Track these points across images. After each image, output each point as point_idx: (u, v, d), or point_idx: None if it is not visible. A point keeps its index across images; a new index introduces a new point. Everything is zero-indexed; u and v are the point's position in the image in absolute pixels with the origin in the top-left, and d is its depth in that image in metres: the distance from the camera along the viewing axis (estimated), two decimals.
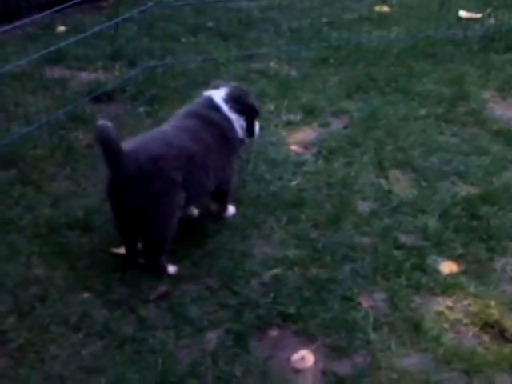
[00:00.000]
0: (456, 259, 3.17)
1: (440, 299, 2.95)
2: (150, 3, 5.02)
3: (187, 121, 3.18)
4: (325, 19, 5.61)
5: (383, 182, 3.69)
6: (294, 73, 4.84)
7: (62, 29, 5.46)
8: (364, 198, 3.57)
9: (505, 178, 3.72)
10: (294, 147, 4.00)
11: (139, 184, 2.89)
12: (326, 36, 5.31)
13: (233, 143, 3.26)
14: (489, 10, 5.74)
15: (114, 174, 2.92)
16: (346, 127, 4.20)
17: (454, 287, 3.00)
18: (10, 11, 5.41)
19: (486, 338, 2.78)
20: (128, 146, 3.00)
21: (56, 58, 4.88)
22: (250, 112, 3.28)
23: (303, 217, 3.42)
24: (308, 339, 2.77)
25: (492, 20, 5.59)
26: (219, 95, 3.24)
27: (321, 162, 3.86)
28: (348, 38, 5.29)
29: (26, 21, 4.87)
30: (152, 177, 2.90)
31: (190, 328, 2.81)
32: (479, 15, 5.72)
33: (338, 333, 2.78)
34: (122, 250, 3.17)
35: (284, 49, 5.13)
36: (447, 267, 3.12)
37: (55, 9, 4.68)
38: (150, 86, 4.58)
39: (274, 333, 2.80)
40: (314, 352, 2.71)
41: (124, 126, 4.17)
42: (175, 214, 3.02)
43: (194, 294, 2.97)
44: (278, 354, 2.71)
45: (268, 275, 3.07)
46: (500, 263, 3.16)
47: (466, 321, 2.85)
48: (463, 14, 5.74)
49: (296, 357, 2.69)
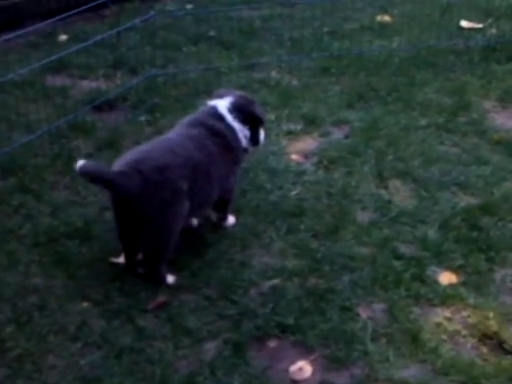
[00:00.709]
0: (455, 270, 3.16)
1: (439, 310, 2.95)
2: (151, 12, 5.04)
3: (192, 130, 3.17)
4: (326, 29, 5.61)
5: (383, 192, 3.69)
6: (295, 82, 4.84)
7: (63, 37, 5.47)
8: (364, 208, 3.56)
9: (505, 188, 3.71)
10: (294, 157, 4.00)
11: (144, 195, 2.89)
12: (328, 45, 5.31)
13: (236, 153, 3.25)
14: (490, 21, 5.74)
15: (115, 194, 2.95)
16: (346, 137, 4.19)
17: (453, 298, 2.99)
18: (13, 20, 5.45)
19: (485, 349, 2.77)
20: (132, 155, 3.00)
21: (57, 67, 4.88)
22: (254, 121, 3.28)
23: (303, 227, 3.42)
24: (306, 350, 2.76)
25: (493, 30, 5.59)
26: (223, 105, 3.24)
27: (321, 172, 3.85)
28: (349, 47, 5.30)
29: (28, 29, 4.89)
30: (158, 186, 2.90)
31: (188, 338, 2.80)
32: (481, 25, 5.71)
33: (337, 344, 2.77)
34: (121, 260, 3.17)
35: (285, 58, 5.13)
36: (446, 278, 3.12)
37: (57, 18, 4.70)
38: (151, 95, 4.59)
39: (273, 343, 2.80)
40: (312, 363, 2.70)
41: (125, 134, 4.19)
42: (179, 224, 3.02)
43: (193, 304, 2.96)
44: (276, 364, 2.71)
45: (267, 285, 3.06)
46: (499, 274, 3.15)
47: (464, 332, 2.84)
48: (464, 23, 5.74)
49: (294, 368, 2.69)
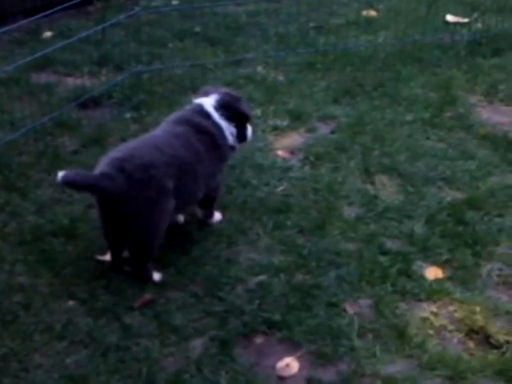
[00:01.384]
0: (441, 265, 3.17)
1: (425, 305, 2.95)
2: (136, 8, 5.02)
3: (177, 127, 3.15)
4: (312, 24, 5.61)
5: (369, 187, 3.69)
6: (281, 78, 4.84)
7: (48, 34, 5.44)
8: (350, 204, 3.57)
9: (490, 182, 3.72)
10: (280, 153, 3.99)
11: (129, 193, 2.87)
12: (313, 41, 5.31)
13: (223, 150, 3.24)
14: (476, 15, 5.74)
15: (99, 196, 2.97)
16: (332, 132, 4.20)
17: (440, 293, 3.00)
18: (2, 14, 5.41)
19: (471, 344, 2.78)
20: (117, 153, 2.99)
21: (42, 64, 4.86)
22: (240, 118, 3.27)
23: (289, 223, 3.41)
24: (293, 346, 2.76)
25: (479, 24, 5.60)
26: (209, 102, 3.22)
27: (307, 168, 3.85)
28: (335, 42, 5.29)
29: (12, 26, 4.85)
30: (143, 184, 2.88)
31: (174, 336, 2.80)
32: (466, 20, 5.72)
33: (323, 340, 2.77)
34: (107, 258, 3.16)
35: (271, 54, 5.12)
36: (432, 273, 3.12)
37: (42, 14, 4.67)
38: (136, 92, 4.57)
39: (259, 340, 2.80)
40: (299, 359, 2.70)
41: (110, 131, 4.18)
42: (165, 222, 3.01)
43: (179, 302, 2.95)
44: (263, 361, 2.71)
45: (253, 282, 3.06)
46: (486, 269, 3.16)
47: (451, 327, 2.85)
48: (450, 18, 5.75)
49: (281, 364, 2.69)
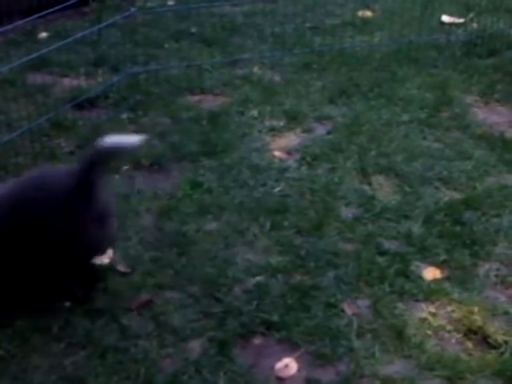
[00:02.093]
0: (439, 265, 3.16)
1: (423, 305, 2.94)
2: (132, 9, 5.01)
3: None
4: (308, 24, 5.61)
5: (366, 187, 3.69)
6: (277, 78, 4.83)
7: (44, 35, 5.43)
8: (347, 204, 3.56)
9: (487, 182, 3.72)
10: (277, 153, 3.99)
11: None
12: (309, 41, 5.31)
13: None
14: (471, 15, 5.75)
15: None
16: (329, 133, 4.19)
17: (438, 293, 2.99)
18: None
19: (470, 344, 2.77)
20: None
21: (38, 64, 4.85)
22: None
23: (286, 223, 3.41)
24: (291, 347, 2.75)
25: (475, 25, 5.59)
26: None
27: (304, 168, 3.85)
28: (331, 43, 5.29)
29: (7, 27, 4.85)
30: None
31: (172, 337, 2.79)
32: (462, 20, 5.73)
33: (322, 340, 2.77)
34: (105, 260, 3.15)
35: (267, 54, 5.12)
36: (430, 273, 3.11)
37: (37, 15, 4.66)
38: (133, 93, 4.57)
39: (258, 341, 2.79)
40: (298, 360, 2.70)
41: (107, 132, 4.12)
42: None
43: (177, 303, 2.94)
44: (261, 362, 2.70)
45: (251, 282, 3.05)
46: (483, 269, 3.15)
47: (449, 327, 2.84)
48: (446, 18, 5.76)
49: (280, 365, 2.68)
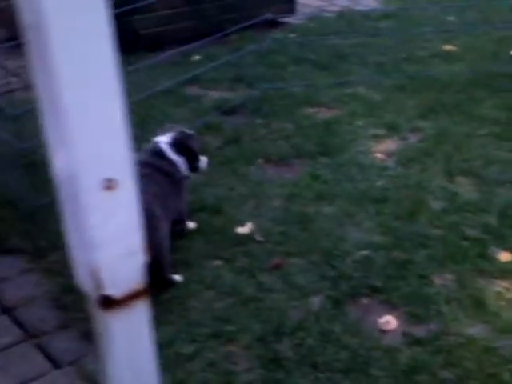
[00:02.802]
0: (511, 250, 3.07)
1: (499, 281, 2.86)
2: (267, 39, 5.05)
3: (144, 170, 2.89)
4: (402, 55, 5.51)
5: (451, 185, 3.60)
6: (377, 97, 4.77)
7: (196, 58, 5.52)
8: (435, 198, 3.49)
9: None
10: (378, 155, 3.95)
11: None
12: (404, 68, 5.22)
13: (179, 181, 3.07)
14: None
15: None
16: (420, 141, 4.11)
17: (510, 272, 2.91)
18: (159, 43, 5.56)
19: None
20: None
21: (193, 80, 4.94)
22: (190, 153, 3.09)
23: (387, 211, 3.37)
24: (391, 307, 2.73)
25: None
26: (164, 141, 3.05)
27: (400, 168, 3.79)
28: (421, 70, 5.18)
29: (170, 52, 4.99)
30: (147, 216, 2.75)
31: (297, 292, 2.81)
32: None
33: (416, 304, 2.73)
34: (245, 230, 3.20)
35: (370, 78, 5.06)
36: (504, 256, 3.01)
37: (193, 44, 4.80)
38: (264, 104, 4.60)
39: (365, 301, 2.78)
40: (397, 317, 2.67)
41: (245, 133, 4.22)
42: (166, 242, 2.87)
43: (301, 267, 2.96)
44: (367, 317, 2.69)
45: (359, 255, 3.03)
46: None
47: None
48: None
49: (382, 320, 2.66)
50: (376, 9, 6.99)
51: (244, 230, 3.21)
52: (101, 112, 0.99)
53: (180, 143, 3.06)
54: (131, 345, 1.15)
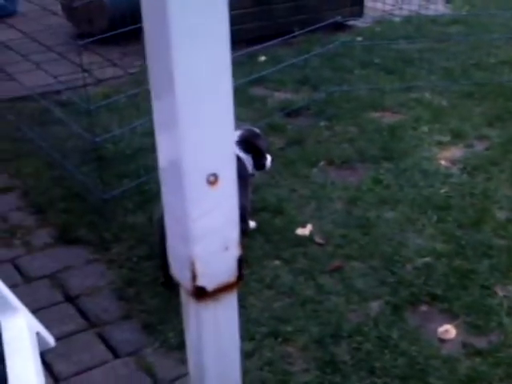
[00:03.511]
0: None
1: None
2: (333, 42, 5.02)
3: None
4: (471, 61, 5.37)
5: None
6: (444, 103, 4.67)
7: (262, 59, 5.53)
8: (501, 208, 3.40)
9: None
10: (443, 162, 3.87)
11: None
12: (472, 75, 5.09)
13: (245, 178, 3.04)
14: None
15: None
16: (487, 149, 4.01)
17: None
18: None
19: None
20: None
21: (258, 81, 4.95)
22: (256, 151, 3.10)
23: (450, 218, 3.30)
24: (451, 316, 2.68)
25: None
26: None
27: (465, 176, 3.71)
28: (490, 77, 5.06)
29: (238, 53, 5.01)
30: None
31: (356, 296, 2.79)
32: None
33: (477, 314, 2.67)
34: (306, 232, 3.19)
35: (437, 83, 4.96)
36: None
37: (260, 45, 4.82)
38: (329, 107, 4.57)
39: (424, 308, 2.74)
40: (456, 327, 2.62)
41: (308, 135, 4.21)
42: None
43: (361, 271, 2.94)
44: (426, 325, 2.65)
45: (420, 262, 2.99)
46: None
47: None
48: None
49: (441, 329, 2.62)
50: (444, 14, 6.85)
51: (304, 231, 3.20)
52: (212, 107, 1.02)
53: (247, 141, 3.09)
54: (219, 335, 1.19)
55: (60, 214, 3.35)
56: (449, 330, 2.61)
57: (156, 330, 2.64)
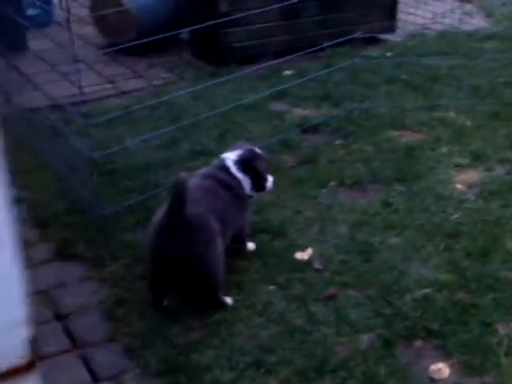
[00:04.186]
0: None
1: None
2: (357, 57, 4.89)
3: (206, 182, 2.88)
4: (501, 79, 5.17)
5: None
6: (468, 123, 4.48)
7: (288, 72, 5.44)
8: None
9: None
10: (459, 186, 3.70)
11: (191, 233, 2.63)
12: (501, 94, 4.89)
13: (242, 199, 2.97)
14: None
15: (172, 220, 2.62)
16: (508, 173, 3.81)
17: None
18: (250, 57, 5.54)
19: None
20: None
21: (278, 95, 4.87)
22: (255, 172, 2.97)
23: (458, 246, 3.14)
24: (446, 354, 2.53)
25: None
26: (231, 158, 2.95)
27: (480, 201, 3.53)
28: None
29: (261, 65, 4.94)
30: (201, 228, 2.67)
31: (348, 328, 2.66)
32: None
33: (473, 353, 2.51)
34: (305, 256, 3.08)
35: (463, 102, 4.78)
36: None
37: (285, 58, 4.73)
38: (347, 124, 4.45)
39: (418, 343, 2.59)
40: (450, 366, 2.47)
41: (322, 154, 4.09)
42: (221, 258, 2.74)
43: (356, 300, 2.81)
44: (418, 362, 2.50)
45: (420, 293, 2.84)
46: None
47: None
48: None
49: (434, 367, 2.47)
50: (480, 29, 6.62)
51: (304, 255, 3.09)
52: None
53: (245, 162, 2.99)
54: None
55: (61, 229, 3.33)
56: (441, 369, 2.46)
57: (139, 354, 2.57)
